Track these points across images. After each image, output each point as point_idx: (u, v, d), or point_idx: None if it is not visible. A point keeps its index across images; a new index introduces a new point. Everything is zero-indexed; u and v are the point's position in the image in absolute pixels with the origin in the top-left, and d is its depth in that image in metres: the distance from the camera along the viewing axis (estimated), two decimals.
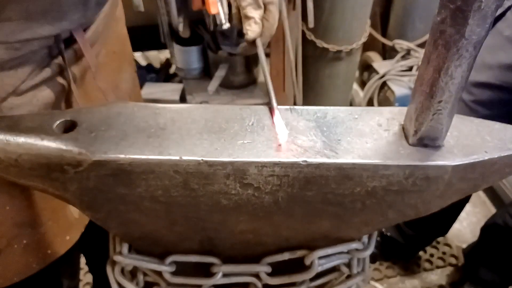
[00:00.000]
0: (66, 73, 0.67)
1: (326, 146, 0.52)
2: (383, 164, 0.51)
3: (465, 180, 0.55)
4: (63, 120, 0.54)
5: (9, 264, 0.72)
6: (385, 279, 1.78)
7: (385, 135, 0.55)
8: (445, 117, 0.50)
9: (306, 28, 1.92)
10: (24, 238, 0.72)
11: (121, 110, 0.56)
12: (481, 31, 0.43)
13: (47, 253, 0.76)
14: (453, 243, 1.90)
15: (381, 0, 2.43)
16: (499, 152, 0.53)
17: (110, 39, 0.81)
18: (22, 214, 0.70)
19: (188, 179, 0.52)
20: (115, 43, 0.83)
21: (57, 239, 0.77)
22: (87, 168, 0.50)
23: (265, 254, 0.65)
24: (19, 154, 0.50)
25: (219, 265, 0.64)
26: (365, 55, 2.45)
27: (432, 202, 0.56)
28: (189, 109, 0.58)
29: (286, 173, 0.51)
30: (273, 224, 0.59)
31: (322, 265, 0.64)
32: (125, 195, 0.53)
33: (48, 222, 0.74)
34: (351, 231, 0.62)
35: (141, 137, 0.52)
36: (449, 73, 0.46)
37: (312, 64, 2.08)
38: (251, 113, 0.57)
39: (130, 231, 0.61)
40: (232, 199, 0.54)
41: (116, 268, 0.64)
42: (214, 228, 0.60)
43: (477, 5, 0.40)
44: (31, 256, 0.74)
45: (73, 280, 1.01)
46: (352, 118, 0.57)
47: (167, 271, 0.63)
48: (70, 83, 0.68)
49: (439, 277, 1.80)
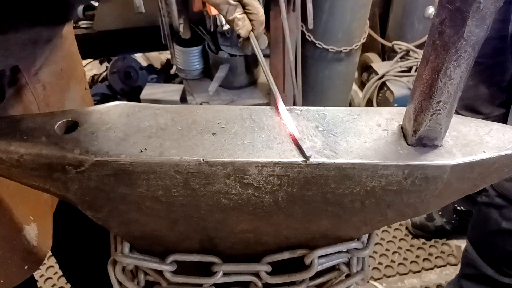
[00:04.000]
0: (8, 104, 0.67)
1: (326, 146, 0.53)
2: (382, 164, 0.51)
3: (464, 180, 0.55)
4: (64, 121, 0.54)
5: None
6: (385, 278, 1.78)
7: (384, 135, 0.55)
8: (443, 117, 0.50)
9: (305, 29, 1.92)
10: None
11: (122, 110, 0.57)
12: (480, 32, 0.43)
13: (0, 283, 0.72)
14: (452, 243, 1.91)
15: (380, 1, 2.43)
16: (498, 152, 0.54)
17: (56, 58, 0.80)
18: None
19: (188, 179, 0.52)
20: (61, 61, 0.82)
21: (12, 270, 0.73)
22: (88, 168, 0.50)
23: (265, 254, 0.65)
24: (21, 155, 0.51)
25: (220, 264, 0.64)
26: (364, 56, 2.45)
27: (431, 202, 0.56)
28: (189, 109, 0.58)
29: (286, 173, 0.52)
30: (273, 224, 0.60)
31: (322, 264, 0.64)
32: (126, 195, 0.54)
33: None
34: (350, 230, 0.63)
35: (142, 137, 0.53)
36: (448, 73, 0.46)
37: (312, 65, 2.08)
38: (251, 113, 0.58)
39: (131, 230, 0.61)
40: (233, 198, 0.55)
41: (117, 268, 0.65)
42: (215, 228, 0.61)
43: (476, 6, 0.41)
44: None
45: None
46: (351, 118, 0.58)
47: (168, 270, 0.63)
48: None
49: (438, 276, 1.80)
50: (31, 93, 0.72)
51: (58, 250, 1.18)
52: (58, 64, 0.81)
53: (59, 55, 0.81)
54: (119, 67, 2.35)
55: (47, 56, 0.76)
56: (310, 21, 1.84)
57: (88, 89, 0.97)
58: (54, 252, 1.20)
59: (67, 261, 1.24)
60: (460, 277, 1.58)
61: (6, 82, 0.66)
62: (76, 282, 1.32)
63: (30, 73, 0.71)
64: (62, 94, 0.83)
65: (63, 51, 0.83)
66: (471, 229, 1.54)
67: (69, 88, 0.86)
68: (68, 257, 1.22)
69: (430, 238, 1.93)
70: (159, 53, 2.78)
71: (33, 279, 0.94)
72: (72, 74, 0.87)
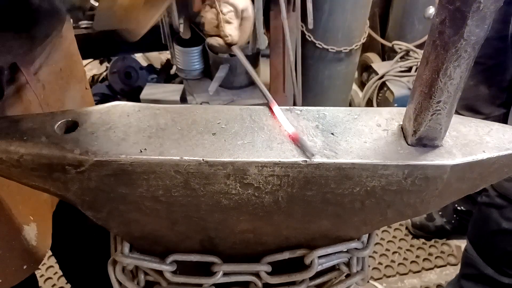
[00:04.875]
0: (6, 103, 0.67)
1: (326, 146, 0.53)
2: (382, 164, 0.51)
3: (464, 180, 0.55)
4: (64, 121, 0.54)
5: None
6: (384, 278, 1.78)
7: (384, 135, 0.55)
8: (443, 117, 0.50)
9: (305, 29, 1.92)
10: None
11: (122, 110, 0.57)
12: (480, 32, 0.43)
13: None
14: (452, 243, 1.91)
15: (380, 1, 2.43)
16: (498, 152, 0.54)
17: (56, 57, 0.80)
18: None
19: (188, 179, 0.52)
20: (61, 60, 0.82)
21: (10, 269, 0.74)
22: (88, 168, 0.50)
23: (265, 254, 0.65)
24: (21, 155, 0.51)
25: (220, 264, 0.64)
26: (364, 56, 2.45)
27: (431, 202, 0.56)
28: (189, 109, 0.58)
29: (286, 173, 0.52)
30: (273, 224, 0.60)
31: (322, 264, 0.64)
32: (126, 195, 0.54)
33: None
34: (350, 230, 0.63)
35: (142, 137, 0.53)
36: (448, 73, 0.46)
37: (312, 65, 2.08)
38: (251, 113, 0.58)
39: (131, 230, 0.61)
40: (233, 199, 0.55)
41: (117, 268, 0.65)
42: (215, 228, 0.61)
43: (476, 6, 0.41)
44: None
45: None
46: (351, 118, 0.58)
47: (168, 270, 0.63)
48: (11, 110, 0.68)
49: (438, 276, 1.80)
50: (31, 92, 0.72)
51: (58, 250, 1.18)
52: (58, 63, 0.81)
53: (58, 55, 0.81)
54: (119, 67, 2.35)
55: (46, 55, 0.76)
56: (310, 21, 1.84)
57: (89, 89, 0.97)
58: (54, 252, 1.20)
59: (67, 261, 1.24)
60: (460, 277, 1.58)
61: (4, 80, 0.66)
62: (76, 282, 1.32)
63: (29, 72, 0.71)
64: (62, 93, 0.83)
65: (62, 50, 0.83)
66: (471, 229, 1.54)
67: (69, 87, 0.86)
68: (68, 257, 1.22)
69: (430, 238, 1.93)
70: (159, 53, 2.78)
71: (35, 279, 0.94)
72: (72, 74, 0.87)
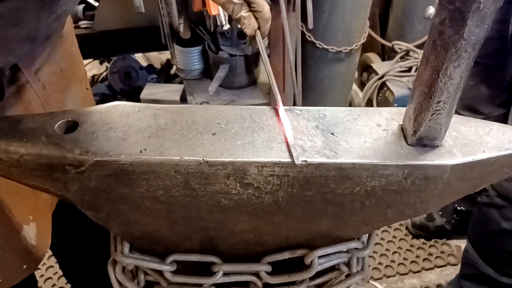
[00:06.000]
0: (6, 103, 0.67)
1: (326, 146, 0.53)
2: (382, 164, 0.51)
3: (464, 179, 0.55)
4: (64, 121, 0.54)
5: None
6: (384, 278, 1.78)
7: (384, 135, 0.55)
8: (443, 117, 0.50)
9: (305, 29, 1.92)
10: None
11: (122, 110, 0.57)
12: (479, 32, 0.43)
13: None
14: (452, 243, 1.91)
15: (380, 1, 2.43)
16: (498, 152, 0.54)
17: (56, 57, 0.80)
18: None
19: (188, 179, 0.52)
20: (62, 60, 0.82)
21: (10, 269, 0.74)
22: (88, 168, 0.50)
23: (265, 253, 0.65)
24: (21, 155, 0.51)
25: (220, 264, 0.64)
26: (364, 56, 2.45)
27: (431, 202, 0.56)
28: (189, 109, 0.58)
29: (286, 173, 0.52)
30: (273, 224, 0.60)
31: (322, 264, 0.64)
32: (126, 195, 0.54)
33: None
34: (350, 230, 0.63)
35: (142, 137, 0.53)
36: (448, 73, 0.46)
37: (312, 65, 2.08)
38: (251, 113, 0.58)
39: (131, 230, 0.61)
40: (233, 198, 0.55)
41: (117, 268, 0.65)
42: (215, 228, 0.61)
43: (476, 6, 0.41)
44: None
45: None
46: (351, 118, 0.58)
47: (168, 270, 0.63)
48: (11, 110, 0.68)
49: (438, 276, 1.80)
50: (31, 92, 0.72)
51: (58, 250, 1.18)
52: (58, 64, 0.81)
53: (59, 55, 0.81)
54: (119, 67, 2.35)
55: (47, 55, 0.76)
56: (310, 21, 1.84)
57: (89, 89, 0.97)
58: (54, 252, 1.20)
59: (67, 261, 1.24)
60: (460, 277, 1.58)
61: (5, 80, 0.66)
62: (76, 282, 1.32)
63: (30, 72, 0.71)
64: (62, 94, 0.83)
65: (63, 51, 0.83)
66: (471, 229, 1.54)
67: (69, 88, 0.86)
68: (68, 257, 1.22)
69: (430, 238, 1.93)
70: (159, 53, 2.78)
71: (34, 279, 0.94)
72: (72, 74, 0.87)
